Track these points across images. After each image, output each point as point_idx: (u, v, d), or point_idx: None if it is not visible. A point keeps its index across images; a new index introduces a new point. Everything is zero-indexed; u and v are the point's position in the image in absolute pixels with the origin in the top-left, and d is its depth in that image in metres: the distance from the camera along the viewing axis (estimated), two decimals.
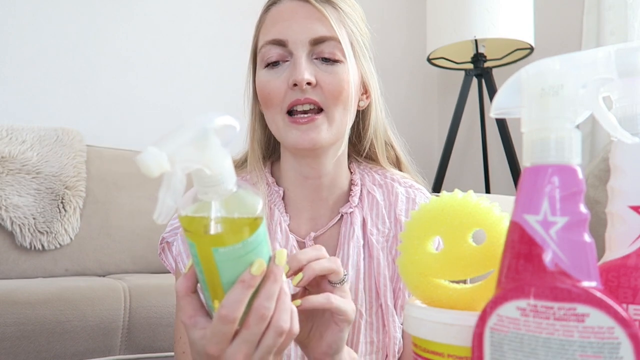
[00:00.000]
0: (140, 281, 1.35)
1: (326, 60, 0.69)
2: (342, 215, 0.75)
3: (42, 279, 1.45)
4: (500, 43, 2.01)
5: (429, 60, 2.13)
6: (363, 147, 0.79)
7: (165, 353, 1.27)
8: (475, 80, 2.14)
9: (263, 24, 0.72)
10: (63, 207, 1.60)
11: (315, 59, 0.69)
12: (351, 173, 0.78)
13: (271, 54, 0.69)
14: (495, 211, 0.40)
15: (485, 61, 2.05)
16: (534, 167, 0.33)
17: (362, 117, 0.78)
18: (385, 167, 0.80)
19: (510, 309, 0.31)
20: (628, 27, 1.79)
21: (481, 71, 2.05)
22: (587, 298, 0.29)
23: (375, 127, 0.78)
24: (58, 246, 1.58)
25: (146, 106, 2.06)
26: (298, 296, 0.56)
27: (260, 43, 0.71)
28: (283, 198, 0.76)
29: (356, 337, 0.70)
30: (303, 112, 0.68)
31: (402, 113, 2.53)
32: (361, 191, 0.77)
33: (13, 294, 1.15)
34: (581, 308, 0.29)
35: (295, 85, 0.67)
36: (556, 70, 0.35)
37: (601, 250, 0.36)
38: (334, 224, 0.75)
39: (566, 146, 0.32)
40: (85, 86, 1.97)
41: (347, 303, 0.55)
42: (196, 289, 0.48)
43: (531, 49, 1.96)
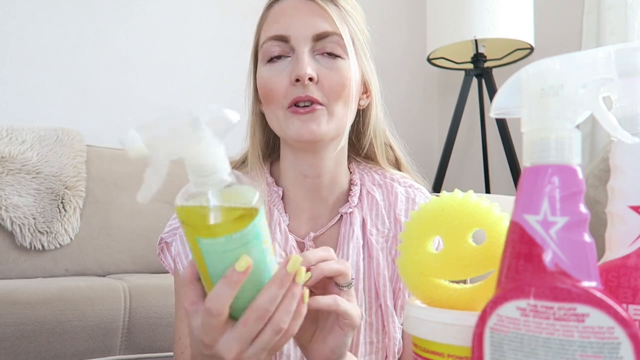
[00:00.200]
0: (140, 281, 1.35)
1: (328, 55, 0.68)
2: (342, 215, 0.75)
3: (42, 279, 1.45)
4: (500, 43, 2.01)
5: (429, 60, 2.13)
6: (362, 147, 0.79)
7: (165, 353, 1.27)
8: (475, 80, 2.13)
9: (265, 21, 0.72)
10: (63, 207, 1.60)
11: (317, 55, 0.69)
12: (351, 173, 0.78)
13: (273, 50, 0.69)
14: (495, 211, 0.40)
15: (485, 61, 2.05)
16: (534, 167, 0.33)
17: (362, 116, 0.78)
18: (384, 167, 0.80)
19: (510, 309, 0.31)
20: (628, 27, 1.79)
21: (481, 71, 2.05)
22: (587, 298, 0.29)
23: (375, 127, 0.78)
24: (58, 246, 1.58)
25: (146, 106, 2.05)
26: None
27: (262, 40, 0.71)
28: (282, 198, 0.75)
29: (356, 338, 0.70)
30: (304, 107, 0.68)
31: (402, 113, 2.53)
32: (361, 191, 0.76)
33: (13, 294, 1.15)
34: (581, 308, 0.29)
35: (297, 80, 0.66)
36: (556, 70, 0.35)
37: (601, 250, 0.36)
38: (334, 224, 0.75)
39: (566, 146, 0.32)
40: (85, 86, 1.97)
41: (354, 307, 0.54)
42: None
43: (531, 49, 1.96)
